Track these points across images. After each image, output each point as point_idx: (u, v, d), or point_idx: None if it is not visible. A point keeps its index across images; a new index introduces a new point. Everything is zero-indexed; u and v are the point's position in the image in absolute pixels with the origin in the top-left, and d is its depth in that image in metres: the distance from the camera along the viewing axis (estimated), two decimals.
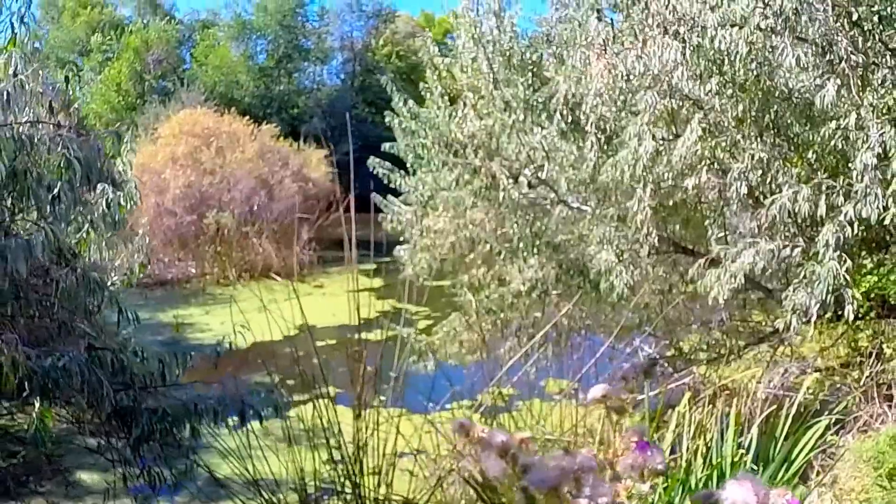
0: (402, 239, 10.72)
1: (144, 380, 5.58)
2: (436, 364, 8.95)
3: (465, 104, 9.82)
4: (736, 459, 3.96)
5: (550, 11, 9.38)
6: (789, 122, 6.97)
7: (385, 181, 10.91)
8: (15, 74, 5.84)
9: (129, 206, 6.21)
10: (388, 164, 11.01)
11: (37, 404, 4.45)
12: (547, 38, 9.41)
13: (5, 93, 5.39)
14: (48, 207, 5.07)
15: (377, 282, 5.49)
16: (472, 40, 9.50)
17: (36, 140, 5.55)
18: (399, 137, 10.90)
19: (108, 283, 6.40)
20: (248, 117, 30.08)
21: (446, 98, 10.28)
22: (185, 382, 5.92)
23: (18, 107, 5.57)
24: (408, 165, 10.93)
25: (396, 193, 11.29)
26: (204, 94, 37.79)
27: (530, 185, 8.94)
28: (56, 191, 5.05)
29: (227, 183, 23.94)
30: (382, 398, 4.17)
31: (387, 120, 11.10)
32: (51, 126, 5.74)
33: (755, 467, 3.95)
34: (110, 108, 39.09)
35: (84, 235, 6.24)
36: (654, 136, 6.54)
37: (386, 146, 11.10)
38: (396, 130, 10.90)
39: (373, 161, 10.78)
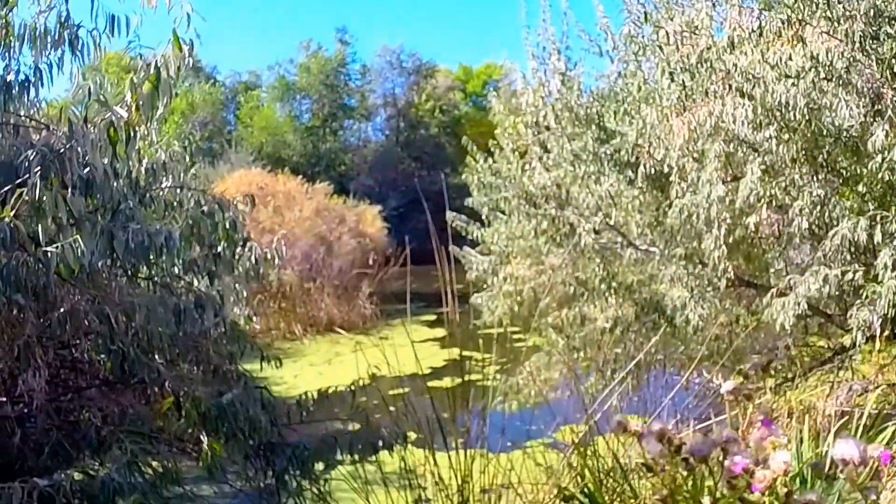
0: (483, 287, 11.37)
1: (284, 417, 6.21)
2: (520, 404, 9.47)
3: (532, 158, 10.59)
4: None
5: (611, 68, 10.21)
6: (838, 158, 7.61)
7: (463, 233, 11.62)
8: (150, 144, 6.70)
9: (275, 262, 6.92)
10: (463, 216, 11.74)
11: (205, 439, 5.09)
12: (612, 92, 10.10)
13: (158, 164, 6.15)
14: (211, 264, 5.79)
15: (439, 332, 5.74)
16: (540, 99, 10.33)
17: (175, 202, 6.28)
18: (475, 192, 11.68)
19: None
20: (299, 176, 30.69)
21: (517, 153, 11.02)
22: (319, 419, 6.44)
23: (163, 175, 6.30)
24: (483, 218, 11.66)
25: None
26: (252, 155, 38.69)
27: (596, 231, 9.55)
28: (219, 249, 5.78)
29: (286, 241, 24.45)
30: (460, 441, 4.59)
31: (463, 177, 11.96)
32: (187, 189, 6.41)
33: None
34: None
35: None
36: (722, 181, 7.23)
37: (469, 201, 11.79)
38: (473, 186, 11.70)
39: (450, 215, 11.31)
